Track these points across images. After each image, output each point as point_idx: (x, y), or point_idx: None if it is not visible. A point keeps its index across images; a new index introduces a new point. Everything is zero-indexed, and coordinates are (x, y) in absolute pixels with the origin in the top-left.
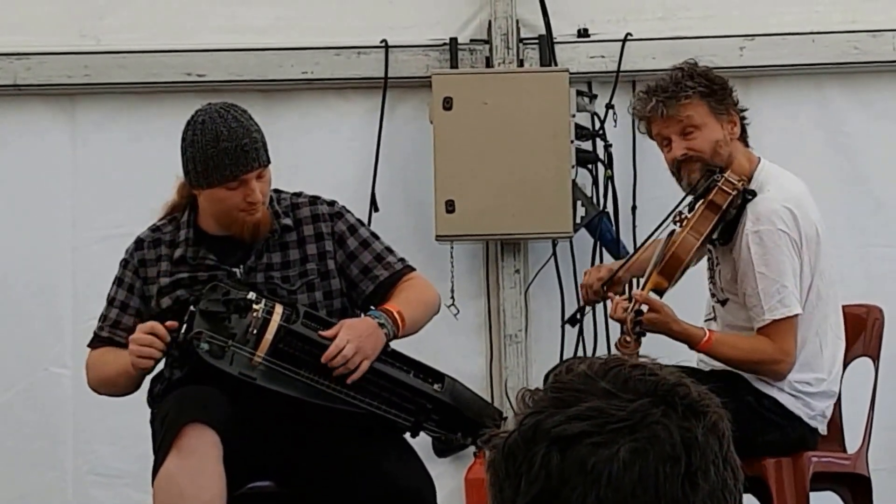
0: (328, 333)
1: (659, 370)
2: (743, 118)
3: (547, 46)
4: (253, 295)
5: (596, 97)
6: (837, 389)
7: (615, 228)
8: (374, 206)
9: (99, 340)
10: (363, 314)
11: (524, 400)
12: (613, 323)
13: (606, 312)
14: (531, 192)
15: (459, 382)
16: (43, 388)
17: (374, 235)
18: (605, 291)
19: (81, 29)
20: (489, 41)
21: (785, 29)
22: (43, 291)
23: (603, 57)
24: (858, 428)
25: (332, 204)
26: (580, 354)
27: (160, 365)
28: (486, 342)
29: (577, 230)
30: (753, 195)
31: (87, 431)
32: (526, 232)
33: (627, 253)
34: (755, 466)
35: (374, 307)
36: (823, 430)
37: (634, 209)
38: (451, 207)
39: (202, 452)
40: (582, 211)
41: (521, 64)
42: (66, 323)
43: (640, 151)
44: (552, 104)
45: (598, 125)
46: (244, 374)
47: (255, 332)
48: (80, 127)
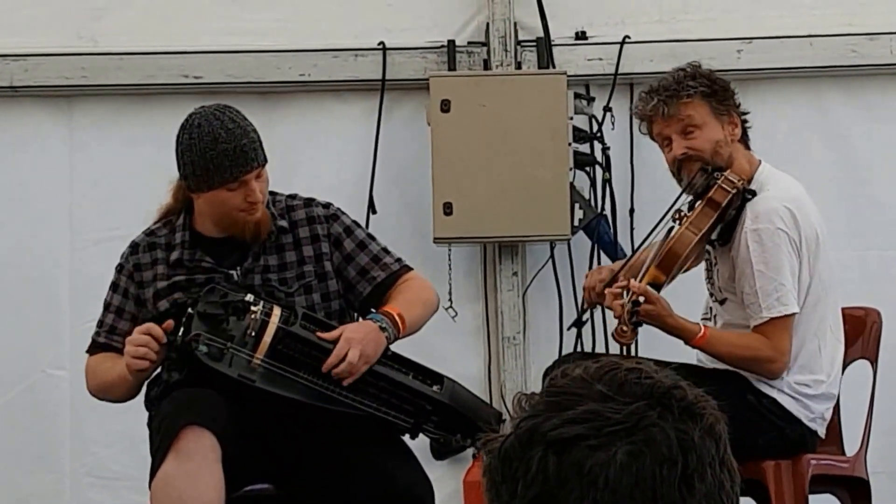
0: (329, 336)
1: (655, 373)
2: (745, 121)
3: (545, 49)
4: (251, 297)
5: (594, 100)
6: (837, 392)
7: (613, 231)
8: (371, 208)
9: (97, 346)
10: (363, 317)
11: (520, 404)
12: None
13: (605, 315)
14: (529, 194)
15: (458, 384)
16: (41, 390)
17: (370, 237)
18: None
19: (78, 30)
20: (487, 43)
21: (783, 32)
22: (40, 293)
23: (601, 59)
24: (856, 430)
25: (327, 206)
26: None
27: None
28: (483, 344)
29: (574, 233)
30: (753, 195)
31: (85, 433)
32: (524, 234)
33: (625, 255)
34: (754, 469)
35: (374, 310)
36: (823, 432)
37: (632, 212)
38: (448, 210)
39: (201, 455)
40: (580, 213)
41: (518, 66)
42: (63, 325)
43: (637, 154)
44: (550, 107)
45: (595, 128)
46: (243, 376)
47: (253, 334)
48: (76, 129)
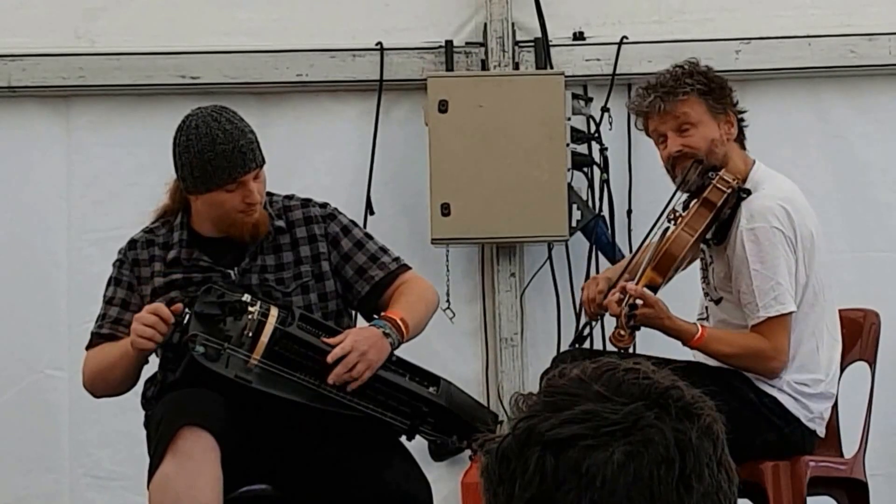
0: (333, 340)
1: (653, 373)
2: (741, 120)
3: (542, 49)
4: (248, 297)
5: (591, 100)
6: (835, 391)
7: (611, 232)
8: (369, 209)
9: (99, 338)
10: (365, 320)
11: (518, 404)
12: (610, 326)
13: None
14: (526, 195)
15: (454, 385)
16: (39, 390)
17: (367, 236)
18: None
19: (76, 30)
20: (485, 44)
21: (781, 32)
22: (38, 294)
23: (598, 60)
24: (855, 432)
25: (324, 206)
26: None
27: (154, 366)
28: (481, 345)
29: (572, 233)
30: (748, 194)
31: (83, 434)
32: (521, 235)
33: (623, 256)
34: (752, 470)
35: (377, 316)
36: (822, 432)
37: (630, 212)
38: (446, 211)
39: (199, 455)
40: (577, 214)
41: (516, 67)
42: (61, 325)
43: (635, 154)
44: (548, 107)
45: (593, 128)
46: (240, 376)
47: (250, 334)
48: (74, 129)
